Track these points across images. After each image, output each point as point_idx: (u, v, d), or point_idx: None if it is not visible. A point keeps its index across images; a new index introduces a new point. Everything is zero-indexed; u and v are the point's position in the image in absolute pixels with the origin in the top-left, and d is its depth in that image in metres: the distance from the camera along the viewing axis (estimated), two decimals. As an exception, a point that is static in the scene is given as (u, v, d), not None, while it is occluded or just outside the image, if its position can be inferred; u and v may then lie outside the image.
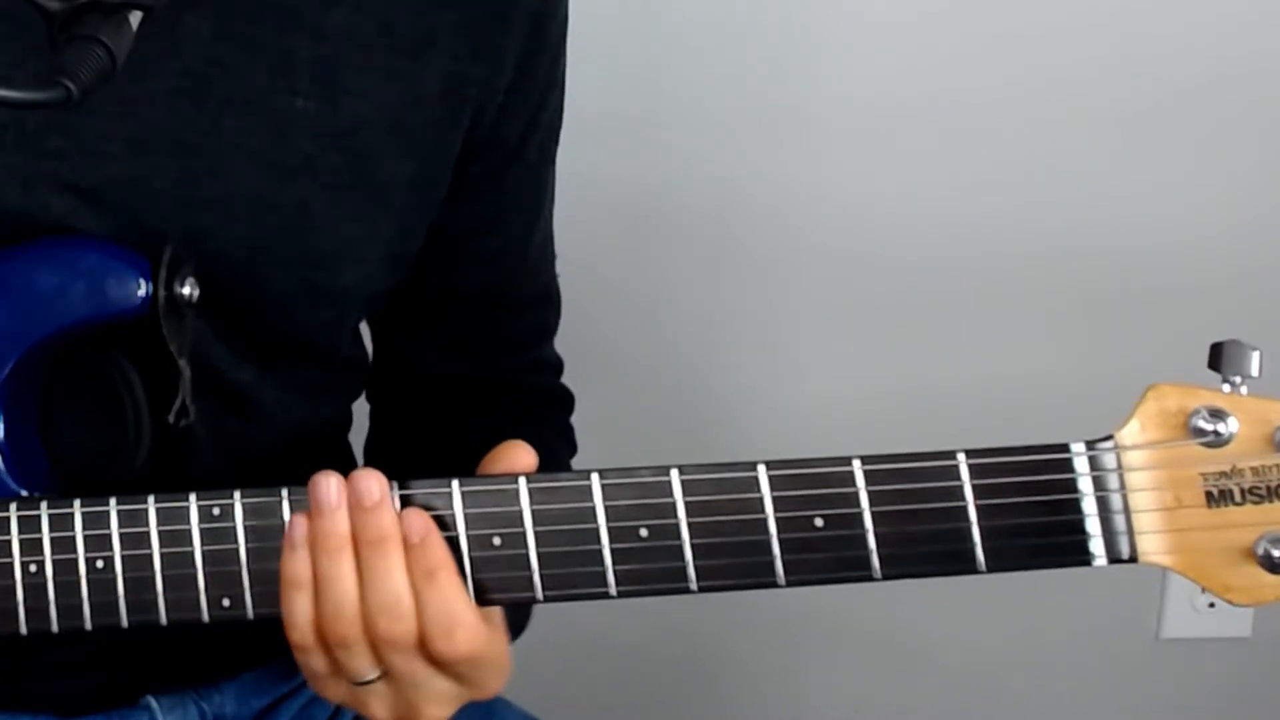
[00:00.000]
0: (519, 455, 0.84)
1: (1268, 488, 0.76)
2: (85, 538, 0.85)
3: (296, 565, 0.82)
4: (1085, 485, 0.78)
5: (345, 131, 0.97)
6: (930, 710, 1.84)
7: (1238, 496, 0.76)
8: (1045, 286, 1.67)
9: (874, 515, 0.79)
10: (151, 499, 0.84)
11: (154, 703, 1.05)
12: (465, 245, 1.08)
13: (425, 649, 0.82)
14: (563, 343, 1.19)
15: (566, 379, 1.18)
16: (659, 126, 1.62)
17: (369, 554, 0.81)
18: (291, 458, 1.00)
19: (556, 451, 1.11)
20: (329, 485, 0.82)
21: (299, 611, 0.83)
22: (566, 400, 1.16)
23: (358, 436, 1.15)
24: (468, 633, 0.82)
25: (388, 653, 0.82)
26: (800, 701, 1.82)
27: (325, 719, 1.10)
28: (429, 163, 1.01)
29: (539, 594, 0.82)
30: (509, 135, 1.05)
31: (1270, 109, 1.63)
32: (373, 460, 1.13)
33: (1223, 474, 0.76)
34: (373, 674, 0.84)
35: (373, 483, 0.81)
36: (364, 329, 1.13)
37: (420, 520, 0.82)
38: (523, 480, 0.81)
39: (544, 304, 1.16)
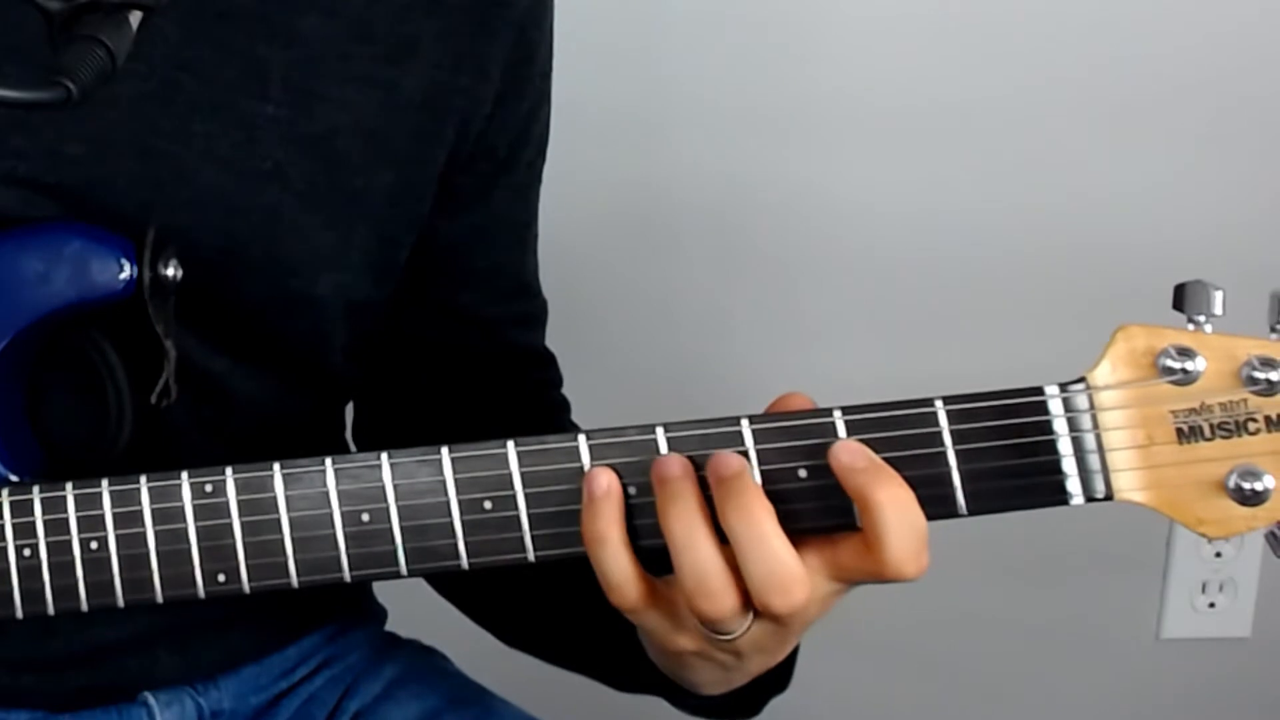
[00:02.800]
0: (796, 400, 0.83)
1: (1236, 422, 0.77)
2: (78, 519, 0.85)
3: (597, 519, 0.79)
4: (1060, 426, 0.79)
5: (318, 138, 0.97)
6: (930, 710, 1.84)
7: (1207, 432, 0.77)
8: (1047, 283, 1.67)
9: None
10: (143, 478, 0.85)
11: (151, 699, 1.05)
12: (454, 261, 1.08)
13: (851, 561, 0.79)
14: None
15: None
16: (661, 125, 1.63)
17: (739, 523, 0.78)
18: (275, 444, 1.00)
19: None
20: (671, 460, 0.80)
21: (611, 570, 0.80)
22: (566, 407, 1.16)
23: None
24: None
25: (782, 619, 0.80)
26: (801, 701, 1.81)
27: (324, 716, 1.11)
28: (410, 172, 1.01)
29: (530, 555, 0.82)
30: (498, 147, 1.05)
31: (1269, 108, 1.65)
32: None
33: (1192, 411, 0.78)
34: (747, 623, 0.80)
35: (731, 458, 0.79)
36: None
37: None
38: (511, 444, 0.82)
39: (538, 325, 1.16)
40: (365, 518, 0.84)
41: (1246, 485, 0.77)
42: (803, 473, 0.80)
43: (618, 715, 1.77)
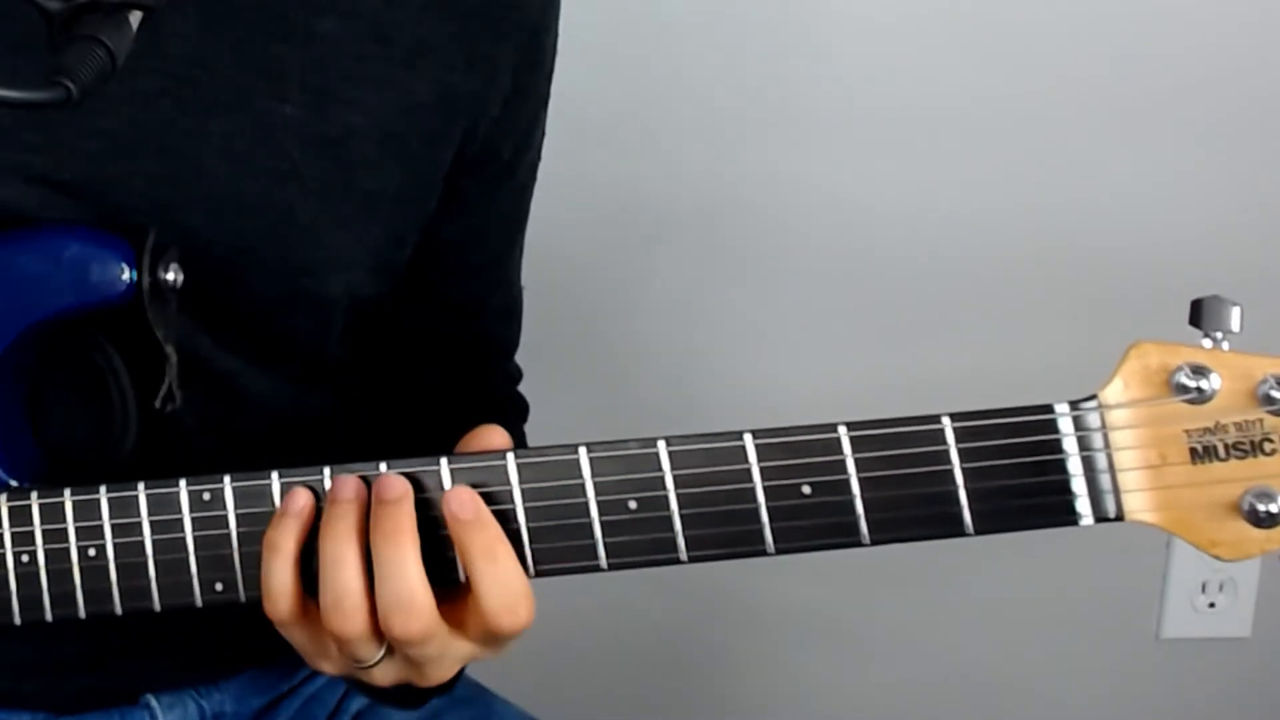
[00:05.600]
0: (493, 438, 0.84)
1: (1251, 443, 0.76)
2: (77, 527, 0.85)
3: (277, 529, 0.82)
4: (1070, 445, 0.77)
5: (334, 139, 0.97)
6: (929, 710, 1.84)
7: (1222, 452, 0.76)
8: (1038, 284, 1.67)
9: (861, 481, 0.79)
10: (141, 485, 0.85)
11: (153, 701, 1.05)
12: (451, 257, 1.08)
13: (480, 628, 0.82)
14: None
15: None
16: (654, 125, 1.62)
17: (382, 546, 0.81)
18: (282, 445, 1.00)
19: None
20: (344, 481, 0.82)
21: (274, 580, 0.83)
22: (524, 409, 1.17)
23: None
24: (529, 601, 0.81)
25: (402, 647, 0.82)
26: (801, 702, 1.82)
27: (325, 717, 1.11)
28: (418, 173, 1.01)
29: (530, 569, 0.82)
30: (503, 150, 1.05)
31: (1269, 107, 1.64)
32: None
33: (1206, 430, 0.76)
34: (378, 655, 0.83)
35: (397, 482, 0.82)
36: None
37: (470, 496, 0.81)
38: (510, 456, 0.82)
39: (511, 317, 1.17)
40: (363, 526, 0.83)
41: (1261, 507, 0.75)
42: (806, 489, 0.79)
43: (618, 715, 1.79)
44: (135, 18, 0.81)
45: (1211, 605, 1.83)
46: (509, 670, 1.15)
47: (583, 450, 0.81)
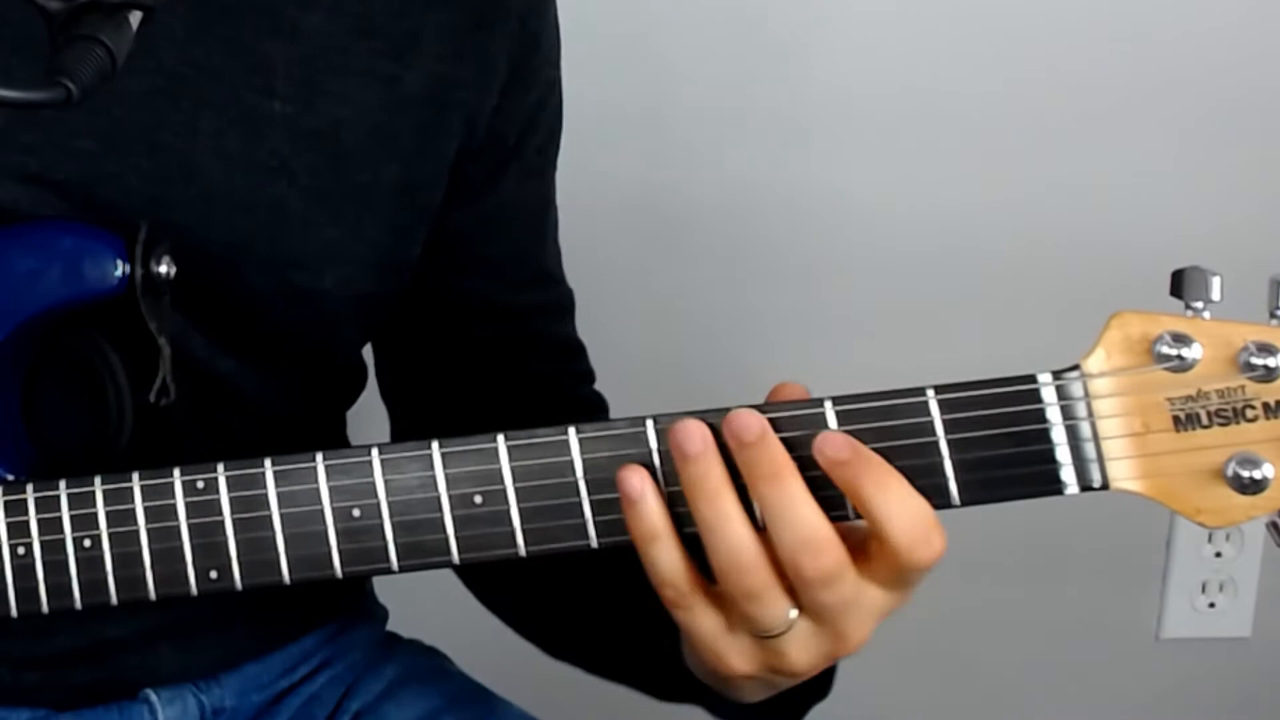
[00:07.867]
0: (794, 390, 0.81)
1: (1234, 409, 0.76)
2: (72, 517, 0.85)
3: (643, 519, 0.78)
4: (1053, 415, 0.78)
5: (324, 133, 0.97)
6: (930, 710, 1.84)
7: (1205, 419, 0.76)
8: (1028, 278, 1.67)
9: None
10: (136, 476, 0.85)
11: (153, 696, 1.05)
12: (467, 251, 1.07)
13: (890, 569, 0.78)
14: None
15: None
16: (667, 122, 1.63)
17: (768, 490, 0.77)
18: (279, 446, 1.00)
19: None
20: (690, 431, 0.77)
21: (664, 566, 0.79)
22: (603, 406, 1.15)
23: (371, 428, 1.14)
24: (939, 529, 0.78)
25: (816, 591, 0.77)
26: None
27: (326, 715, 1.10)
28: (416, 166, 1.01)
29: (521, 550, 0.82)
30: (506, 135, 1.05)
31: (1267, 99, 1.65)
32: None
33: (1189, 398, 0.77)
34: (791, 615, 0.79)
35: (752, 419, 0.77)
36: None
37: (841, 438, 0.78)
38: (501, 438, 0.82)
39: (567, 315, 1.15)
40: (356, 513, 0.83)
41: (1245, 473, 0.75)
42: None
43: (618, 715, 1.78)
44: (135, 18, 0.81)
45: (1211, 605, 1.83)
46: (509, 670, 1.15)
47: (572, 430, 0.81)
